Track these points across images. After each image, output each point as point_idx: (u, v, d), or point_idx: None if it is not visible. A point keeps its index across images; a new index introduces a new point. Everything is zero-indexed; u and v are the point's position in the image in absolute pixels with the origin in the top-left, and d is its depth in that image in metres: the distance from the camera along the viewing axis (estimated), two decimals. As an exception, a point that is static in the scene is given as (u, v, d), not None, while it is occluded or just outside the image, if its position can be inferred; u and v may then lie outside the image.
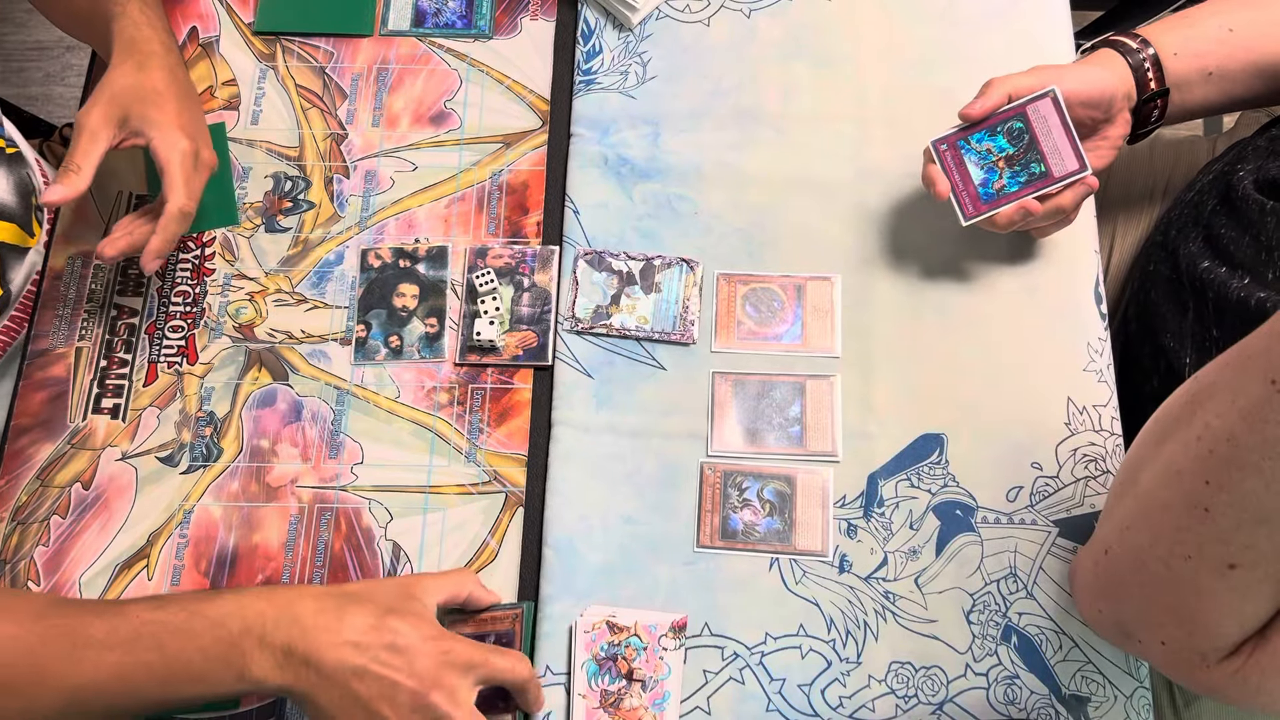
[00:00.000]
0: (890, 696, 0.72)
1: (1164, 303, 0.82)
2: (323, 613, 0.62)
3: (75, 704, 0.61)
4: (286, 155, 0.89)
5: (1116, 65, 0.77)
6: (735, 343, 0.81)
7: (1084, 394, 0.78)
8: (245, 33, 0.94)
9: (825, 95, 0.88)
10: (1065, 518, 0.76)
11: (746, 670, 0.73)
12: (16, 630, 0.61)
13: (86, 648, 0.60)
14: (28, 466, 0.80)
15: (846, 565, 0.75)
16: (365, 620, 0.63)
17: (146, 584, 0.77)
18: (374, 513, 0.78)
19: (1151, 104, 0.78)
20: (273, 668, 0.61)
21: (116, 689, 0.61)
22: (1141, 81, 0.77)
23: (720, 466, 0.78)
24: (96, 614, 0.62)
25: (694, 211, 0.85)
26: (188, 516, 0.79)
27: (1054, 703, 0.71)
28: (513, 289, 0.83)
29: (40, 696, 0.60)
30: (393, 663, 0.62)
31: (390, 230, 0.86)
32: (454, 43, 0.92)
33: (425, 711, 0.61)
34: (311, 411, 0.81)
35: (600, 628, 0.73)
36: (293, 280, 0.85)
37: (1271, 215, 0.74)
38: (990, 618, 0.74)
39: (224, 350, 0.83)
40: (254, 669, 0.61)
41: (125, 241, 0.76)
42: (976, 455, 0.77)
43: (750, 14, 0.92)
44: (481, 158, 0.88)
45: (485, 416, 0.80)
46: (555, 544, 0.76)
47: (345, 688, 0.61)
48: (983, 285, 0.82)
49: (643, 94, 0.89)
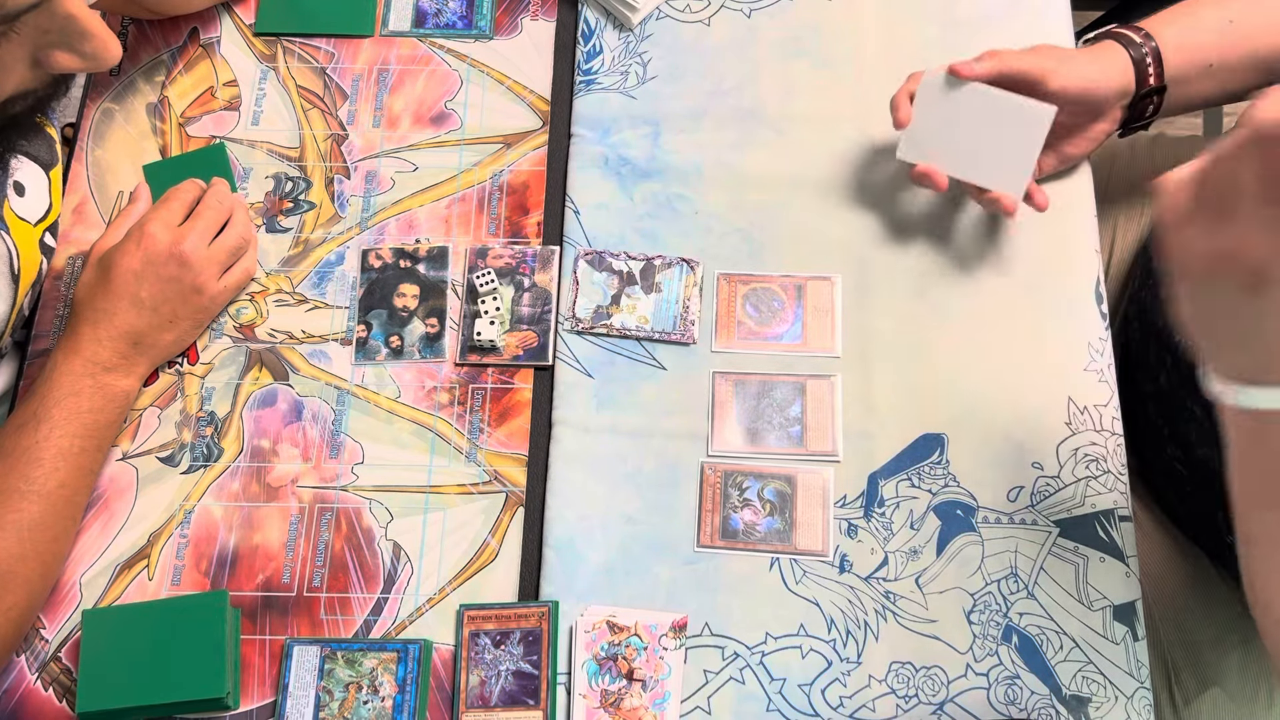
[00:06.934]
0: (891, 696, 0.72)
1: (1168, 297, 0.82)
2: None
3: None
4: (287, 156, 0.89)
5: (1118, 59, 0.77)
6: (735, 343, 0.81)
7: (1085, 394, 0.78)
8: (246, 34, 0.94)
9: (825, 95, 0.88)
10: (1066, 518, 0.76)
11: (747, 670, 0.73)
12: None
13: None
14: (28, 467, 0.80)
15: (847, 565, 0.75)
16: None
17: (147, 584, 0.77)
18: (374, 513, 0.78)
19: (1148, 99, 0.78)
20: (113, 356, 0.76)
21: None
22: (1141, 76, 0.77)
23: (721, 466, 0.78)
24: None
25: (694, 211, 0.85)
26: (188, 516, 0.79)
27: (1055, 703, 0.71)
28: (513, 289, 0.83)
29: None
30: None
31: (391, 231, 0.86)
32: (454, 43, 0.92)
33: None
34: (312, 411, 0.81)
35: (600, 627, 0.73)
36: (293, 280, 0.85)
37: None
38: (991, 618, 0.73)
39: (225, 350, 0.83)
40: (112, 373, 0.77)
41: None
42: (977, 455, 0.77)
43: (750, 14, 0.92)
44: (482, 158, 0.88)
45: (486, 416, 0.80)
46: (556, 544, 0.76)
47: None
48: (983, 285, 0.82)
49: (643, 94, 0.89)
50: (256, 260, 0.85)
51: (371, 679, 0.73)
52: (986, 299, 0.81)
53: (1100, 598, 0.74)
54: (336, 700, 0.73)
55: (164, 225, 0.79)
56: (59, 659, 0.75)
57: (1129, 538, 0.75)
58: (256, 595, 0.76)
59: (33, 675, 0.75)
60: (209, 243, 0.80)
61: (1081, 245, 0.83)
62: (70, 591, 0.77)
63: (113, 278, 0.76)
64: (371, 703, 0.73)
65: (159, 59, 0.93)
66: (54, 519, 0.73)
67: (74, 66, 0.66)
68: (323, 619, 0.76)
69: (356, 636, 0.75)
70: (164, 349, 0.80)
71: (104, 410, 0.76)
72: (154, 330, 0.78)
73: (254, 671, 0.74)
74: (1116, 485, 0.76)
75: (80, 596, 0.77)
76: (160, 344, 0.79)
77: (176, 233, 0.78)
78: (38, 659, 0.75)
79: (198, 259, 0.78)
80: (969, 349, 0.80)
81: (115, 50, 0.66)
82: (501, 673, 0.73)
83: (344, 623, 0.76)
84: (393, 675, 0.73)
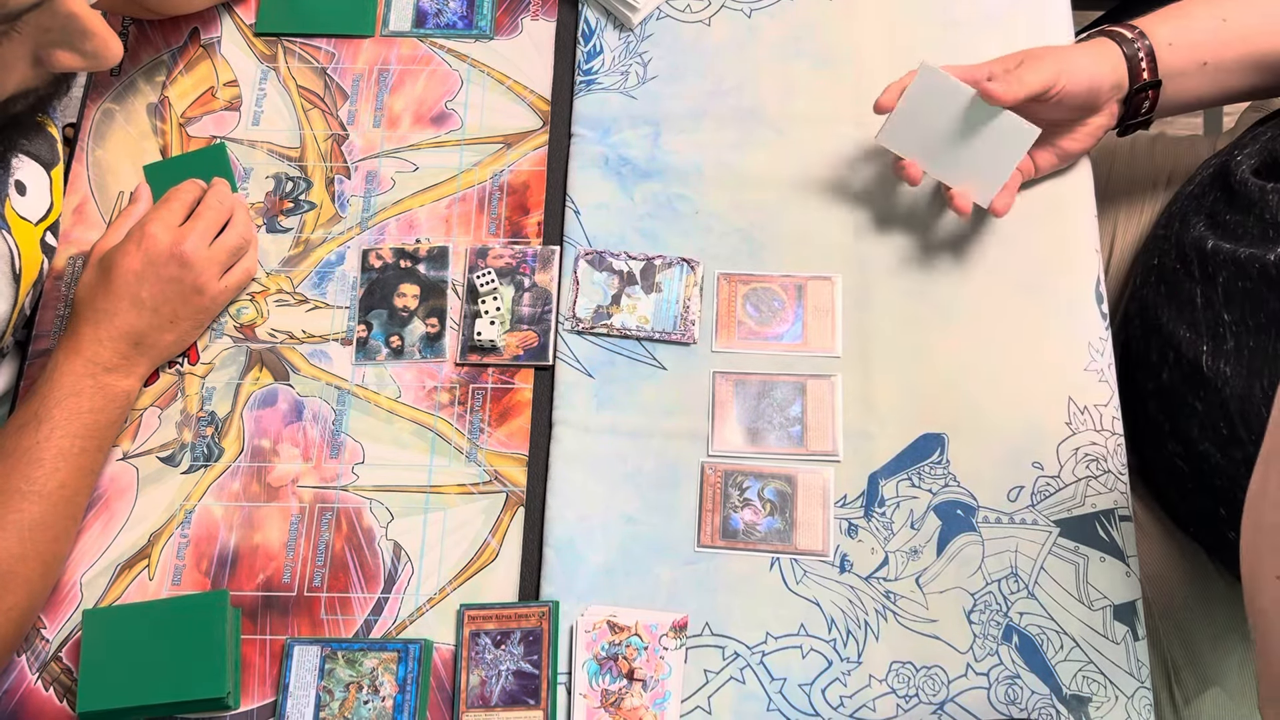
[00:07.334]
0: (891, 696, 0.72)
1: (1171, 294, 0.82)
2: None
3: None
4: (288, 156, 0.89)
5: (1111, 54, 0.77)
6: (736, 343, 0.81)
7: (1085, 393, 0.78)
8: (246, 34, 0.94)
9: (825, 95, 0.88)
10: (1066, 517, 0.76)
11: (747, 670, 0.73)
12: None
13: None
14: (29, 466, 0.80)
15: (847, 565, 0.75)
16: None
17: (148, 584, 0.77)
18: (375, 512, 0.78)
19: (1142, 95, 0.79)
20: (114, 356, 0.76)
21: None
22: (1134, 72, 0.77)
23: (721, 466, 0.78)
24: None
25: (694, 211, 0.85)
26: (189, 516, 0.79)
27: (1055, 702, 0.71)
28: (513, 289, 0.84)
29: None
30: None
31: (391, 230, 0.86)
32: (455, 43, 0.92)
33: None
34: (312, 411, 0.81)
35: (601, 627, 0.73)
36: (294, 280, 0.85)
37: (1273, 194, 0.74)
38: (991, 617, 0.73)
39: (225, 350, 0.83)
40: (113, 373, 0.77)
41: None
42: (977, 455, 0.77)
43: (751, 14, 0.92)
44: (482, 158, 0.88)
45: (486, 416, 0.80)
46: (556, 544, 0.76)
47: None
48: (983, 285, 0.82)
49: (643, 94, 0.90)
50: (257, 260, 0.85)
51: (372, 679, 0.73)
52: (987, 299, 0.81)
53: (1100, 597, 0.74)
54: (337, 700, 0.73)
55: (165, 226, 0.79)
56: (59, 659, 0.75)
57: (1129, 537, 0.75)
58: (257, 595, 0.77)
59: (33, 675, 0.75)
60: (210, 243, 0.80)
61: (1081, 244, 0.83)
62: (71, 591, 0.77)
63: (113, 278, 0.76)
64: (372, 702, 0.73)
65: (159, 59, 0.93)
66: (55, 519, 0.73)
67: (75, 65, 0.66)
68: (323, 619, 0.76)
69: (357, 636, 0.75)
70: (165, 349, 0.80)
71: (105, 410, 0.76)
72: (155, 330, 0.78)
73: (254, 671, 0.75)
74: (1117, 485, 0.76)
75: (81, 596, 0.77)
76: (161, 344, 0.79)
77: (177, 233, 0.79)
78: (38, 659, 0.75)
79: (198, 259, 0.78)
80: (969, 349, 0.80)
81: (116, 49, 0.66)
82: (502, 672, 0.73)
83: (344, 622, 0.76)
84: (393, 675, 0.73)
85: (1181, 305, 0.80)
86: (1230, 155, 0.81)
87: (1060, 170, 0.84)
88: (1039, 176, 0.83)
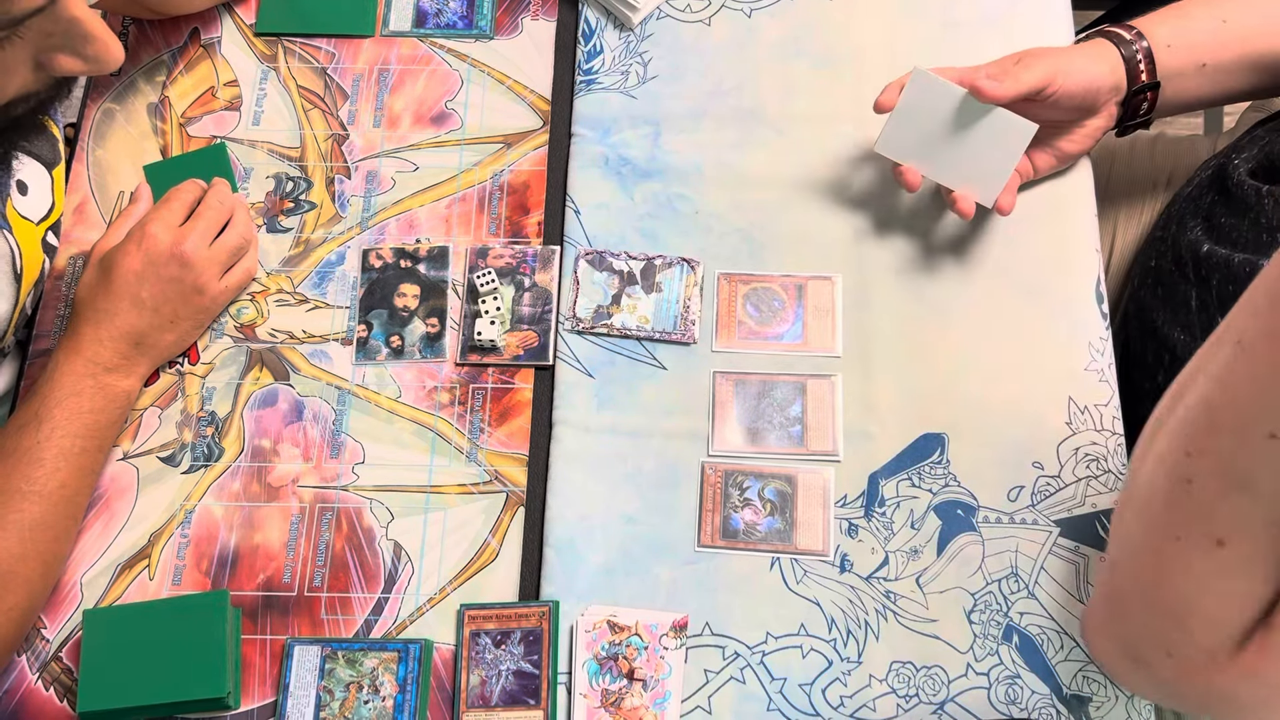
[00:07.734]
0: (891, 696, 0.72)
1: (1167, 296, 0.82)
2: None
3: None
4: (288, 156, 0.89)
5: (1109, 56, 0.77)
6: (736, 342, 0.81)
7: (1085, 393, 0.78)
8: (247, 34, 0.94)
9: (825, 95, 0.88)
10: (1067, 517, 0.76)
11: (747, 670, 0.73)
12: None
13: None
14: (29, 466, 0.80)
15: (847, 565, 0.75)
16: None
17: (148, 584, 0.77)
18: (375, 512, 0.78)
19: (1141, 96, 0.79)
20: (114, 356, 0.77)
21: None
22: (1133, 73, 0.77)
23: (721, 466, 0.78)
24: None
25: (694, 211, 0.85)
26: (189, 516, 0.79)
27: (1055, 702, 0.71)
28: (514, 289, 0.84)
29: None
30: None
31: (391, 230, 0.86)
32: (455, 43, 0.92)
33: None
34: (313, 411, 0.81)
35: (601, 627, 0.73)
36: (294, 280, 0.85)
37: (1269, 198, 0.74)
38: (991, 617, 0.74)
39: (225, 350, 0.83)
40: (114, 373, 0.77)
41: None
42: (977, 455, 0.77)
43: (751, 14, 0.92)
44: (482, 158, 0.88)
45: (486, 416, 0.80)
46: (556, 544, 0.76)
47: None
48: (983, 285, 0.82)
49: (643, 94, 0.90)
50: (257, 260, 0.85)
51: (372, 679, 0.73)
52: (987, 298, 0.81)
53: (1101, 597, 0.74)
54: (337, 700, 0.73)
55: (165, 225, 0.79)
56: (60, 659, 0.75)
57: (1129, 537, 0.75)
58: (257, 595, 0.77)
59: (34, 675, 0.75)
60: (210, 243, 0.80)
61: (1081, 245, 0.83)
62: (71, 591, 0.77)
63: (114, 278, 0.77)
64: (372, 702, 0.73)
65: (160, 59, 0.93)
66: (55, 519, 0.73)
67: (77, 69, 0.66)
68: (323, 619, 0.76)
69: (357, 636, 0.75)
70: (165, 349, 0.80)
71: (105, 410, 0.76)
72: (155, 330, 0.78)
73: (255, 671, 0.75)
74: (1117, 485, 0.76)
75: (81, 596, 0.77)
76: (161, 344, 0.79)
77: (177, 233, 0.79)
78: (39, 659, 0.75)
79: (199, 259, 0.79)
80: (969, 348, 0.80)
81: (118, 54, 0.66)
82: (502, 672, 0.73)
83: (345, 622, 0.76)
84: (393, 675, 0.73)
85: (1176, 308, 0.81)
86: (1228, 157, 0.81)
87: (1060, 170, 0.84)
88: (1038, 178, 0.83)
